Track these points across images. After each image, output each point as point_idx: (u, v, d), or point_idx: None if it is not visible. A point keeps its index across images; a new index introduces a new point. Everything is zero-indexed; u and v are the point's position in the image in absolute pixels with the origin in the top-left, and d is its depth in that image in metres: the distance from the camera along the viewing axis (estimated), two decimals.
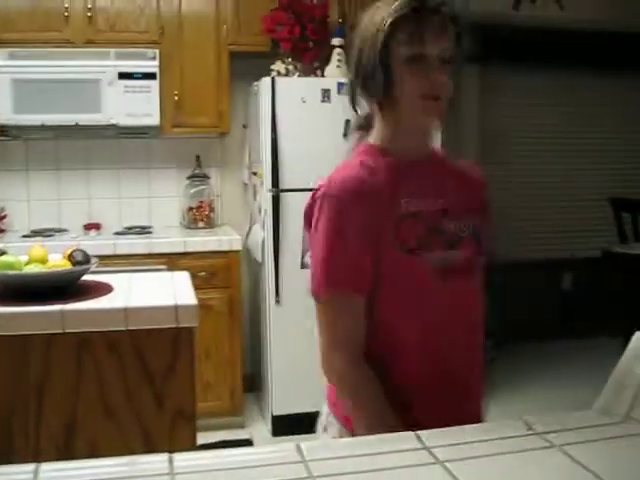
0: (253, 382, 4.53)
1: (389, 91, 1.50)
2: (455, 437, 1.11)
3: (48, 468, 0.99)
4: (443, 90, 1.48)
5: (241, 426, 4.17)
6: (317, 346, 1.53)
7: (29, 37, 3.98)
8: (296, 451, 1.05)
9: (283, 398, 4.02)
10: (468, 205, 1.57)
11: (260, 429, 4.14)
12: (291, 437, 3.14)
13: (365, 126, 1.62)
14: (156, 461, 1.01)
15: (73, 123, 4.02)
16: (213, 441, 3.62)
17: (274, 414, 4.03)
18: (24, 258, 2.28)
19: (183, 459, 1.02)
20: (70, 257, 2.30)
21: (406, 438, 1.11)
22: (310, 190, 1.55)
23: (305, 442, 1.08)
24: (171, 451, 1.04)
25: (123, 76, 4.04)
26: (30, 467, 0.99)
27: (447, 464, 1.02)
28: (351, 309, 1.48)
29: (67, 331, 2.07)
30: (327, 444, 1.10)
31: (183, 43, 4.21)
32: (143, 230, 4.34)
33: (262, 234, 4.04)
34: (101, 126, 4.08)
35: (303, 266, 3.97)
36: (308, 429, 3.46)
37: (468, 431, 1.14)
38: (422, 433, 1.12)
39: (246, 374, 4.36)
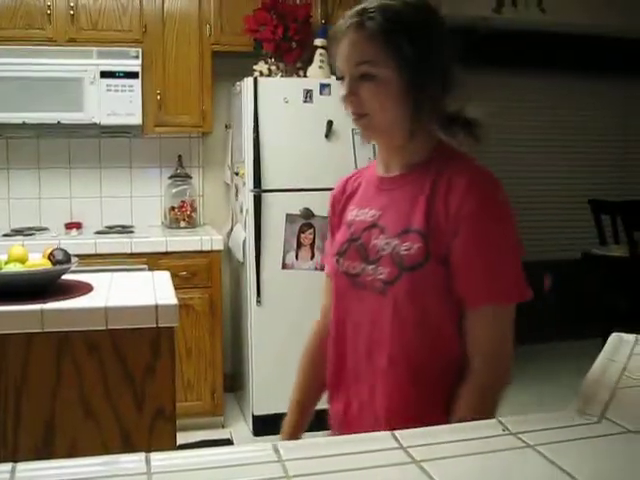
0: (234, 382, 4.53)
1: None
2: (431, 437, 1.12)
3: (25, 468, 0.99)
4: (366, 107, 1.43)
5: (222, 426, 4.17)
6: None
7: (11, 35, 3.96)
8: (273, 451, 1.05)
9: (264, 398, 4.01)
10: (406, 225, 1.43)
11: (241, 429, 4.14)
12: (272, 437, 3.15)
13: None
14: (133, 461, 1.01)
15: (55, 122, 4.00)
16: (193, 441, 3.62)
17: (255, 414, 4.03)
18: (4, 257, 2.27)
19: (160, 459, 1.02)
20: (50, 256, 2.29)
21: (382, 438, 1.11)
22: (292, 190, 1.59)
23: (282, 442, 1.09)
24: (150, 451, 1.04)
25: (105, 75, 4.03)
26: (7, 467, 0.99)
27: (423, 464, 1.02)
28: (327, 288, 1.70)
29: (47, 330, 2.06)
30: (304, 444, 1.10)
31: (166, 42, 4.21)
32: (124, 229, 4.32)
33: (244, 234, 4.04)
34: (83, 125, 4.07)
35: (284, 266, 3.97)
36: None
37: (444, 431, 1.14)
38: (399, 433, 1.12)
39: (227, 374, 4.36)
